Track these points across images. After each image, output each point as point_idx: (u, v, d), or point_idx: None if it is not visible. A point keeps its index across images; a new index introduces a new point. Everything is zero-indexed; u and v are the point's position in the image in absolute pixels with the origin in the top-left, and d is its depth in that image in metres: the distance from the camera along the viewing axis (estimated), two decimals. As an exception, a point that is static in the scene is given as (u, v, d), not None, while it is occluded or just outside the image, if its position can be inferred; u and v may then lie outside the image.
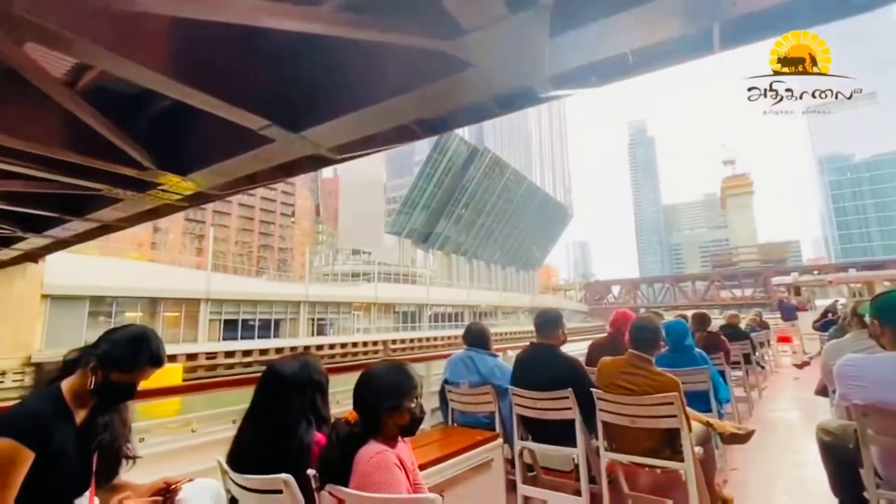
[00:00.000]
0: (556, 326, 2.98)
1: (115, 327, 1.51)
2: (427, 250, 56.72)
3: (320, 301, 32.91)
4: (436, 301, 43.35)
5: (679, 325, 3.94)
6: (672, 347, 3.67)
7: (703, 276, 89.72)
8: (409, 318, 40.86)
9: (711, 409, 3.49)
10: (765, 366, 7.70)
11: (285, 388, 1.57)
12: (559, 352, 2.94)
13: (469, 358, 3.23)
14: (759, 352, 7.26)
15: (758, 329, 8.88)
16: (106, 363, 1.39)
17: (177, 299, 25.82)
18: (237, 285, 28.97)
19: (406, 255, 53.14)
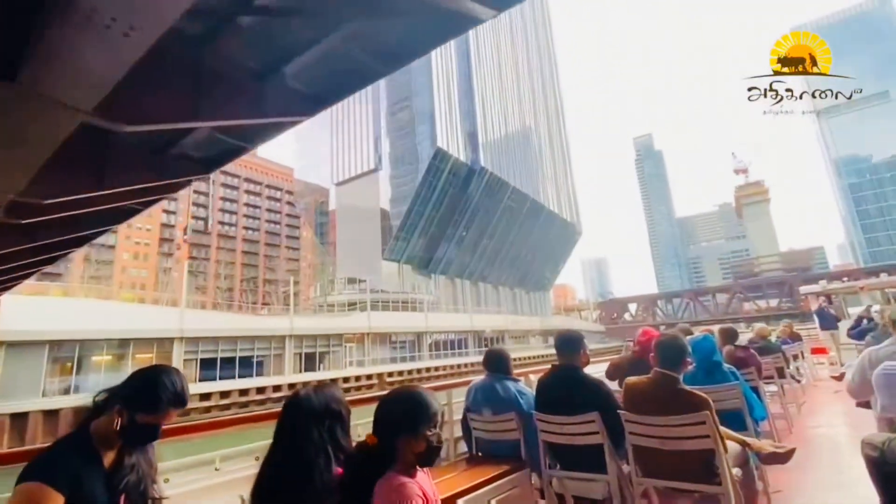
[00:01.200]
0: (578, 347, 2.91)
1: (140, 368, 1.55)
2: (429, 276, 54.79)
3: (308, 334, 31.03)
4: (435, 328, 41.08)
5: (706, 340, 3.78)
6: (699, 365, 3.58)
7: (723, 288, 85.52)
8: (408, 347, 38.59)
9: (747, 428, 3.33)
10: (801, 379, 7.18)
11: (304, 420, 1.50)
12: (583, 374, 2.86)
13: (490, 384, 3.15)
14: (793, 365, 6.94)
15: (789, 341, 8.41)
16: (131, 405, 1.43)
17: (148, 339, 24.25)
18: (215, 321, 27.33)
19: (406, 281, 51.29)
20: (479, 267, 63.42)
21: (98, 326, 22.43)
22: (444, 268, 56.82)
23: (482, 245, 61.15)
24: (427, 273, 54.71)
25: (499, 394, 3.05)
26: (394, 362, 36.41)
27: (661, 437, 2.38)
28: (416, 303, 44.73)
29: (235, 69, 5.01)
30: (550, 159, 79.94)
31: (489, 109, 59.41)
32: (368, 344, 34.98)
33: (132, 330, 23.52)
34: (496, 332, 49.26)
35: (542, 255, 77.65)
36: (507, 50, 69.52)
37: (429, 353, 39.82)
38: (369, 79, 5.35)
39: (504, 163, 60.39)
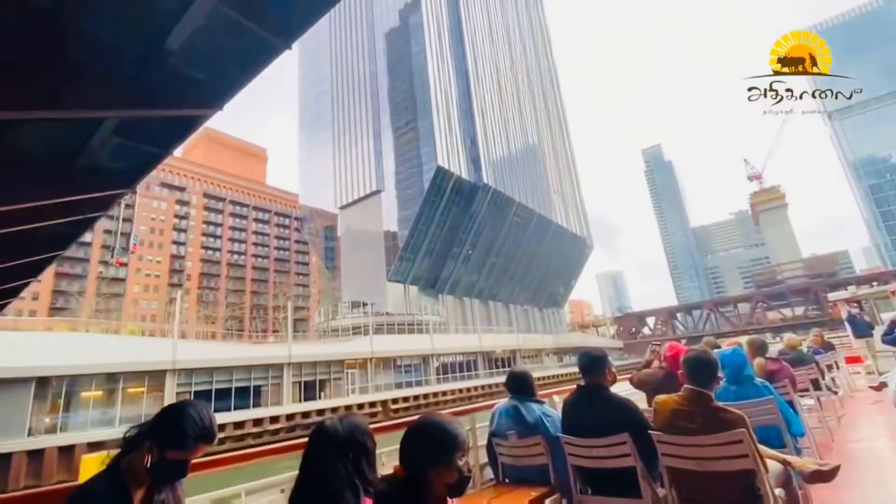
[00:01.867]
0: (603, 366, 2.83)
1: (169, 404, 1.61)
2: (436, 296, 53.62)
3: (307, 361, 29.97)
4: (442, 350, 39.66)
5: (736, 354, 3.62)
6: (730, 379, 3.50)
7: (745, 297, 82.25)
8: (414, 371, 37.19)
9: (786, 445, 3.15)
10: (838, 391, 6.78)
11: (329, 451, 1.46)
12: (610, 393, 2.77)
13: (513, 407, 3.05)
14: (828, 376, 6.60)
15: (822, 351, 7.99)
16: (160, 441, 1.46)
17: (139, 372, 23.49)
18: (209, 351, 26.51)
19: (413, 303, 50.18)
20: (488, 285, 62.05)
21: (86, 361, 21.78)
22: (452, 287, 55.61)
23: (489, 263, 59.94)
24: (434, 293, 53.56)
25: (523, 417, 2.97)
26: (399, 388, 35.01)
27: (697, 457, 2.29)
28: (423, 324, 43.44)
29: (101, 49, 4.21)
30: (556, 173, 79.07)
31: (490, 126, 59.14)
32: (371, 369, 33.74)
33: (122, 363, 22.80)
34: (507, 353, 47.52)
35: (553, 271, 75.93)
36: (506, 66, 69.76)
37: (436, 377, 38.31)
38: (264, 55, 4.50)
39: (508, 179, 59.69)
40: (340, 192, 58.35)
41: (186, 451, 1.48)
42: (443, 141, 48.98)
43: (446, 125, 50.72)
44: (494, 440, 3.07)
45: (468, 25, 60.51)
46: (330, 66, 65.67)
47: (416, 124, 51.13)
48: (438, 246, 51.77)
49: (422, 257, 50.56)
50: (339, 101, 62.70)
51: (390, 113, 53.77)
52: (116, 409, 22.60)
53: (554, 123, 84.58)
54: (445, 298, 54.86)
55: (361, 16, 63.17)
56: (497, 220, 57.94)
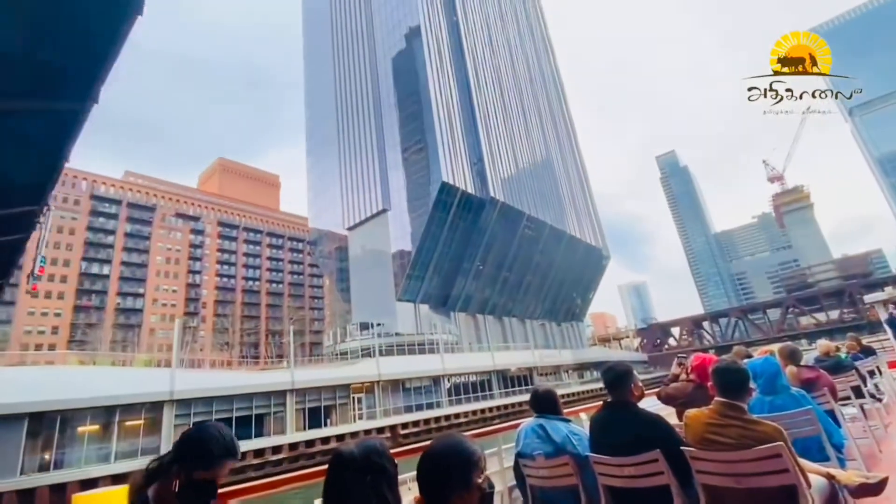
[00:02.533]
0: (629, 380, 2.77)
1: (187, 429, 1.63)
2: (448, 314, 52.29)
3: (311, 387, 28.98)
4: (454, 370, 38.17)
5: (768, 363, 3.51)
6: (764, 390, 3.39)
7: (775, 302, 78.35)
8: (424, 394, 35.77)
9: (829, 458, 3.00)
10: (882, 398, 6.26)
11: (347, 476, 1.42)
12: (638, 409, 2.71)
13: (539, 426, 2.98)
14: (870, 382, 6.20)
15: (861, 356, 7.52)
16: (186, 464, 1.50)
17: (136, 405, 22.84)
18: (209, 380, 25.78)
19: (424, 322, 48.95)
20: (502, 301, 60.46)
21: (81, 395, 21.24)
22: (464, 305, 54.23)
23: (502, 277, 58.49)
24: (446, 312, 52.26)
25: (550, 436, 2.90)
26: (409, 411, 33.61)
27: (734, 474, 2.22)
28: (434, 344, 42.13)
29: None
30: (566, 183, 77.73)
31: (495, 139, 58.55)
32: (379, 393, 32.49)
33: (118, 396, 22.20)
34: (523, 371, 45.67)
35: (569, 283, 73.82)
36: (509, 78, 69.57)
37: (448, 399, 36.76)
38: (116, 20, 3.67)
39: (516, 191, 58.66)
40: (348, 212, 58.22)
41: (213, 469, 1.51)
42: (447, 156, 48.46)
43: (449, 140, 50.28)
44: (521, 461, 3.01)
45: (468, 40, 60.70)
46: (333, 89, 66.60)
47: (423, 143, 50.83)
48: (447, 263, 50.73)
49: (431, 275, 49.55)
50: (344, 123, 63.26)
51: (399, 133, 53.59)
52: (112, 444, 21.89)
53: (562, 133, 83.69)
54: (458, 316, 53.47)
55: (363, 38, 64.19)
56: (507, 233, 56.73)
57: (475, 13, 66.47)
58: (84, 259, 65.47)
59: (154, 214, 74.95)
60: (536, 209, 62.52)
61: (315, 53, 74.14)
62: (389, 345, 41.14)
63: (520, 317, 65.16)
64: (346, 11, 69.31)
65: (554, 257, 67.85)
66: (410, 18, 55.35)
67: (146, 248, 72.47)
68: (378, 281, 51.39)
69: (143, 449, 22.52)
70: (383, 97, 57.01)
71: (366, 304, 53.03)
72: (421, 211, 48.46)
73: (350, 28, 67.53)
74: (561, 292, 72.98)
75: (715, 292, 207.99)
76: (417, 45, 54.04)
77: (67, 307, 61.96)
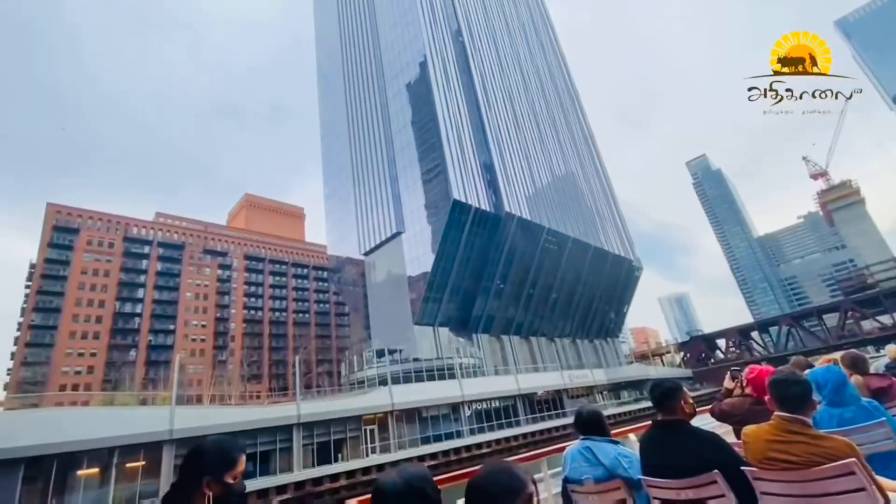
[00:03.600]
0: (677, 397, 2.65)
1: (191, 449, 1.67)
2: (470, 336, 50.18)
3: (320, 420, 27.59)
4: (475, 396, 35.92)
5: (830, 371, 3.19)
6: (830, 401, 3.07)
7: (830, 307, 71.59)
8: (442, 423, 33.65)
9: None
10: None
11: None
12: (692, 427, 2.57)
13: (586, 448, 2.86)
14: None
15: None
16: (215, 472, 1.59)
17: (134, 446, 22.08)
18: (211, 417, 24.84)
19: (444, 346, 47.02)
20: (527, 319, 57.79)
21: (79, 437, 20.66)
22: (487, 326, 52.00)
23: (525, 295, 56.01)
24: (467, 334, 50.19)
25: (598, 459, 2.78)
26: (426, 443, 31.56)
27: (803, 495, 2.08)
28: (455, 368, 40.13)
29: None
30: (588, 194, 75.05)
31: (508, 154, 57.24)
32: (393, 424, 30.70)
33: (116, 437, 21.51)
34: (550, 394, 42.73)
35: (600, 298, 70.18)
36: (520, 92, 68.67)
37: (469, 428, 34.45)
38: None
39: (533, 205, 56.72)
40: (363, 238, 57.83)
41: (237, 465, 1.63)
42: (457, 174, 47.43)
43: (460, 158, 49.35)
44: (569, 486, 2.90)
45: (475, 59, 60.50)
46: (346, 115, 67.74)
47: (435, 163, 50.06)
48: (465, 282, 48.97)
49: (448, 296, 47.87)
50: (356, 148, 63.80)
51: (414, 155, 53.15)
52: (110, 488, 21.09)
53: (580, 144, 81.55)
54: (480, 338, 51.25)
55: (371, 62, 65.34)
56: (527, 248, 54.57)
57: (481, 32, 66.57)
58: (118, 299, 67.80)
59: (183, 252, 77.38)
60: (557, 222, 60.23)
61: (328, 83, 76.13)
62: (407, 371, 39.47)
63: (549, 336, 62.11)
64: (355, 40, 71.25)
65: (580, 271, 64.82)
66: (415, 42, 55.77)
67: (176, 286, 74.54)
68: (395, 306, 50.15)
69: (141, 493, 21.62)
70: (393, 118, 57.16)
71: (384, 329, 51.75)
72: (435, 231, 47.30)
73: (359, 56, 69.09)
74: (591, 307, 69.41)
75: (763, 300, 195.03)
76: (425, 67, 54.14)
77: (102, 347, 63.86)
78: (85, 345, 62.58)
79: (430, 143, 50.89)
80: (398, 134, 55.69)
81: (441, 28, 58.99)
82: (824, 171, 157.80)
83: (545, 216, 58.34)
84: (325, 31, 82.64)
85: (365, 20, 69.84)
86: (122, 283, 68.98)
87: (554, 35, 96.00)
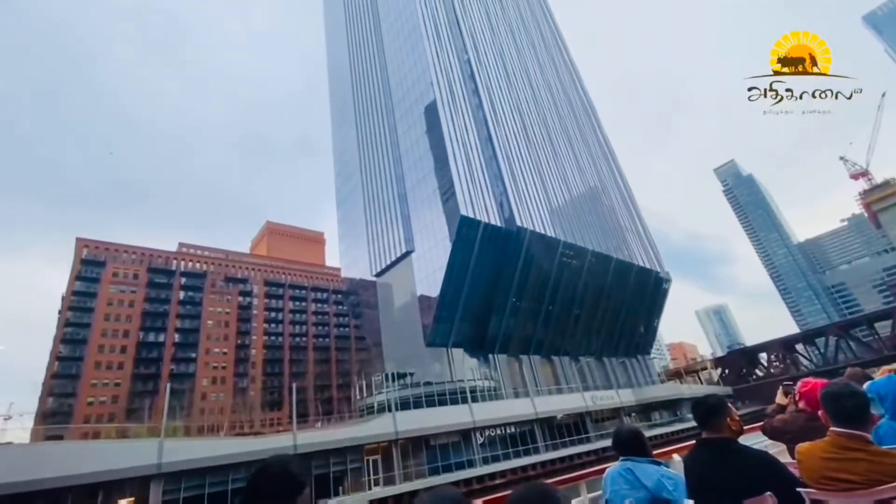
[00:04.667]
0: (724, 413, 2.51)
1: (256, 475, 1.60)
2: (486, 357, 48.02)
3: (317, 451, 26.16)
4: (486, 421, 33.72)
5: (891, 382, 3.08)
6: (893, 414, 2.89)
7: (881, 314, 65.64)
8: (452, 451, 31.58)
9: None
10: None
11: None
12: (741, 445, 2.41)
13: (627, 470, 2.61)
14: None
15: None
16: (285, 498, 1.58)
17: (120, 481, 21.22)
18: (200, 449, 23.80)
19: (458, 368, 45.05)
20: (548, 338, 55.13)
21: (60, 473, 19.96)
22: (504, 345, 49.75)
23: (543, 311, 53.59)
24: (483, 354, 48.06)
25: (640, 481, 2.55)
26: (434, 474, 29.52)
27: None
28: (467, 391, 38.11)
29: None
30: (608, 205, 72.43)
31: (518, 168, 55.84)
32: (397, 453, 28.91)
33: (100, 472, 20.71)
34: (572, 417, 39.91)
35: (626, 312, 66.66)
36: (531, 106, 67.67)
37: (480, 456, 32.18)
38: None
39: (547, 217, 54.80)
40: (374, 259, 57.17)
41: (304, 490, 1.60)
42: (465, 189, 46.33)
43: (467, 173, 48.31)
44: None
45: (481, 76, 60.11)
46: (357, 140, 68.42)
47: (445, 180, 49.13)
48: (478, 301, 47.16)
49: (461, 316, 46.12)
50: (367, 169, 64.10)
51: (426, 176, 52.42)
52: (95, 528, 20.20)
53: (597, 155, 79.40)
54: (497, 359, 49.01)
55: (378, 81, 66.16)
56: (543, 263, 52.44)
57: (487, 50, 66.44)
58: (142, 329, 69.18)
59: (205, 281, 78.81)
60: (574, 235, 57.98)
61: (339, 108, 77.55)
62: (417, 396, 37.68)
63: (572, 354, 59.07)
64: (364, 63, 72.69)
65: (603, 285, 61.88)
66: (420, 62, 55.96)
67: (198, 314, 75.65)
68: (408, 327, 48.75)
69: (126, 533, 20.64)
70: (401, 139, 57.06)
71: (397, 352, 50.29)
72: (445, 248, 46.03)
73: (368, 79, 70.19)
74: (617, 323, 65.93)
75: (809, 309, 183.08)
76: (430, 86, 54.01)
77: (126, 376, 64.86)
78: (109, 375, 63.71)
79: (437, 160, 50.21)
80: (406, 154, 55.42)
81: (446, 48, 59.09)
82: (865, 170, 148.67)
83: (561, 229, 56.24)
84: (336, 57, 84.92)
85: (372, 44, 71.19)
86: (146, 312, 70.48)
87: (566, 49, 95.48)
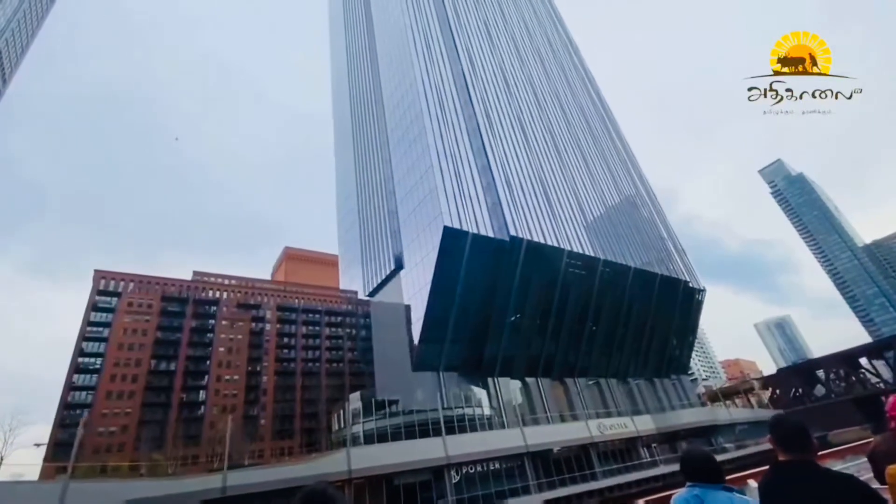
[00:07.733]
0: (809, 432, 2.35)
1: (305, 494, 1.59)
2: (483, 381, 43.60)
3: (249, 493, 22.99)
4: (463, 456, 29.40)
5: None
6: None
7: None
8: (420, 493, 27.50)
9: None
10: None
11: None
12: (825, 469, 2.23)
13: (695, 497, 2.49)
14: None
15: None
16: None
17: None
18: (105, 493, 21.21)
19: (452, 394, 40.86)
20: (558, 357, 49.94)
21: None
22: (504, 367, 45.14)
23: (550, 328, 48.62)
24: (480, 378, 43.69)
25: None
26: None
27: None
28: (457, 421, 34.07)
29: None
30: (625, 212, 66.76)
31: (516, 177, 52.12)
32: (351, 495, 25.26)
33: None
34: (572, 450, 34.70)
35: (653, 328, 60.08)
36: (533, 115, 64.17)
37: (454, 498, 27.83)
38: None
39: (549, 226, 50.38)
40: (367, 277, 54.72)
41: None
42: (450, 198, 43.17)
43: (454, 182, 45.22)
44: None
45: (476, 88, 57.50)
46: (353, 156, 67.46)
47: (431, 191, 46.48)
48: (471, 318, 43.19)
49: (452, 336, 42.27)
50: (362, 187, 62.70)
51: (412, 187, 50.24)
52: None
53: (614, 162, 74.21)
54: (498, 383, 44.46)
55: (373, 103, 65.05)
56: (545, 274, 47.86)
57: (484, 59, 64.08)
58: (153, 357, 69.72)
59: (218, 308, 79.22)
60: (581, 244, 53.04)
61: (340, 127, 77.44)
62: (395, 426, 34.13)
63: (589, 376, 53.36)
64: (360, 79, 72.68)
65: (621, 297, 56.09)
66: (408, 73, 54.27)
67: (209, 342, 75.73)
68: (396, 350, 45.40)
69: None
70: (393, 151, 55.10)
71: (387, 377, 46.87)
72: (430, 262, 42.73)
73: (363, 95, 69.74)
74: (643, 339, 59.45)
75: (883, 317, 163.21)
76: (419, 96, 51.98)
77: (136, 406, 65.00)
78: (120, 405, 64.06)
79: (424, 170, 47.55)
80: (397, 166, 53.26)
81: (437, 60, 57.19)
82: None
83: (566, 239, 51.58)
84: (337, 75, 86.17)
85: (366, 59, 70.92)
86: (158, 341, 71.17)
87: (577, 55, 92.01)
